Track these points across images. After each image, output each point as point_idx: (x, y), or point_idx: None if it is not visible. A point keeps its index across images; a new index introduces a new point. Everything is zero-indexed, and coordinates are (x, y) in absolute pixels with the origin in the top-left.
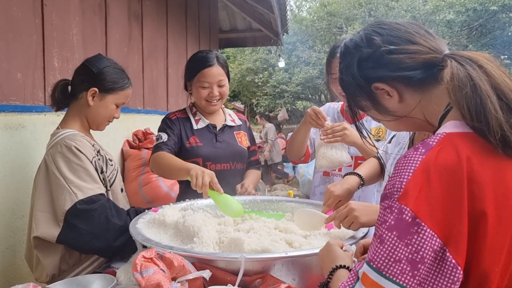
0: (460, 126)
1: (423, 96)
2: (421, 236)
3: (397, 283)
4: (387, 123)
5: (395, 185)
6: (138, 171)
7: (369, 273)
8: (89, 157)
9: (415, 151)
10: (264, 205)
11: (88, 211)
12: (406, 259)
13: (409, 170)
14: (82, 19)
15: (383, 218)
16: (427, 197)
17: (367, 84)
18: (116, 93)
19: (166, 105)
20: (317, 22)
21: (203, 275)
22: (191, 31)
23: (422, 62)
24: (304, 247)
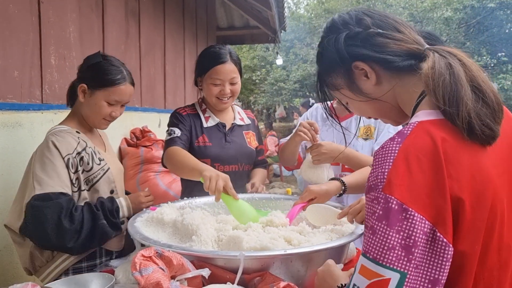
0: (431, 114)
1: (397, 83)
2: (410, 221)
3: (394, 270)
4: (355, 104)
5: (378, 177)
6: (136, 169)
7: (366, 264)
8: (63, 153)
9: (392, 141)
10: (263, 203)
11: (40, 208)
12: (400, 245)
13: (388, 160)
14: (79, 16)
15: (372, 209)
16: (410, 183)
17: (348, 61)
18: (105, 89)
19: (163, 103)
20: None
21: (202, 273)
22: (188, 29)
23: (406, 51)
24: (303, 244)
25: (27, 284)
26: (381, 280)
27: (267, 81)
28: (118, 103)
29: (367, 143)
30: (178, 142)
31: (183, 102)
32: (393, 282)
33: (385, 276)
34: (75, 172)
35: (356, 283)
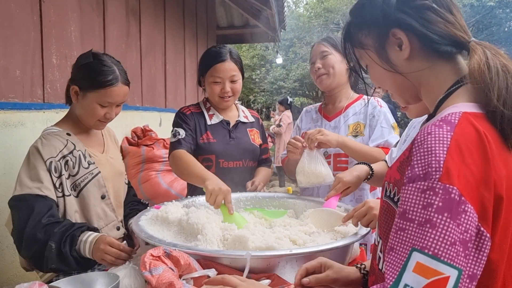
0: (473, 107)
1: (430, 66)
2: (468, 214)
3: (454, 266)
4: (376, 69)
5: (430, 165)
6: (137, 168)
7: (424, 261)
8: (45, 156)
9: (440, 129)
10: (266, 201)
11: (15, 209)
12: (459, 240)
13: (442, 148)
14: (80, 15)
15: (426, 201)
16: (465, 174)
17: (390, 25)
18: (97, 91)
19: (164, 102)
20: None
21: (209, 273)
22: (188, 28)
23: (452, 36)
24: (308, 244)
25: (34, 283)
26: (441, 279)
27: (266, 80)
28: (111, 105)
29: (357, 140)
30: (182, 144)
31: (183, 101)
32: (451, 280)
33: (445, 273)
34: (58, 176)
35: (409, 283)
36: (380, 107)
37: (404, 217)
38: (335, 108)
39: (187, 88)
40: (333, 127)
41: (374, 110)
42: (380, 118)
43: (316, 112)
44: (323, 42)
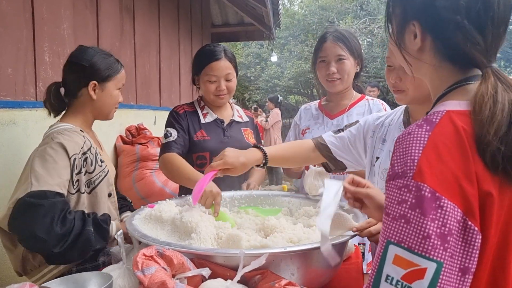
0: (461, 105)
1: (436, 64)
2: (444, 209)
3: (431, 259)
4: (392, 47)
5: (406, 164)
6: (131, 166)
7: (401, 253)
8: (70, 152)
9: (420, 128)
10: (260, 200)
11: (34, 206)
12: (435, 234)
13: (418, 147)
14: (73, 13)
15: (400, 197)
16: (441, 171)
17: (413, 14)
18: (114, 78)
19: (159, 100)
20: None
21: (202, 273)
22: (183, 26)
23: (469, 55)
24: (303, 242)
25: (25, 284)
26: (418, 270)
27: (261, 78)
28: (121, 88)
29: None
30: (172, 147)
31: (178, 99)
32: (429, 271)
33: (421, 265)
34: (78, 173)
35: (390, 273)
36: (384, 111)
37: (385, 212)
38: (338, 107)
39: (181, 86)
40: (336, 126)
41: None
42: None
43: (316, 109)
44: (339, 43)
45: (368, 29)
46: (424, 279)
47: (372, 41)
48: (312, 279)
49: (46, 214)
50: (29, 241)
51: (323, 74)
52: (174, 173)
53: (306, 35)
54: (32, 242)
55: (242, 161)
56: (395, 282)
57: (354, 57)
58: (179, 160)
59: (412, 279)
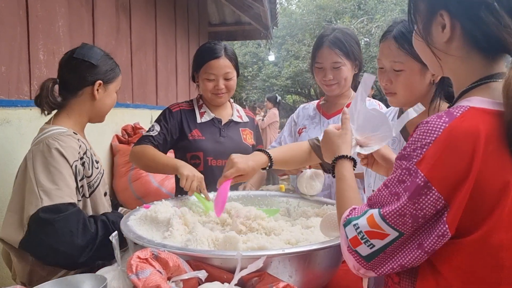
0: (485, 103)
1: (464, 56)
2: (428, 197)
3: (396, 229)
4: (418, 43)
5: (416, 150)
6: (127, 166)
7: (376, 217)
8: (70, 160)
9: (439, 119)
10: (257, 200)
11: (50, 222)
12: (410, 214)
13: (431, 137)
14: (68, 10)
15: (401, 177)
16: (444, 164)
17: (441, 4)
18: (116, 80)
19: (155, 99)
20: (307, 15)
21: (199, 275)
22: (180, 24)
23: (500, 39)
24: (301, 243)
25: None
26: (381, 233)
27: (259, 77)
28: None
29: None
30: (149, 141)
31: (175, 98)
32: (390, 237)
33: (386, 231)
34: (81, 179)
35: (358, 224)
36: (380, 110)
37: (385, 182)
38: (334, 106)
39: (178, 85)
40: None
41: None
42: None
43: (314, 109)
44: (335, 49)
45: (366, 28)
46: (383, 240)
47: (370, 41)
48: (311, 281)
49: (64, 228)
50: (52, 257)
51: (320, 80)
52: (150, 163)
53: (304, 35)
54: (55, 258)
55: (252, 165)
56: (359, 231)
57: (352, 61)
58: (153, 150)
59: (373, 237)
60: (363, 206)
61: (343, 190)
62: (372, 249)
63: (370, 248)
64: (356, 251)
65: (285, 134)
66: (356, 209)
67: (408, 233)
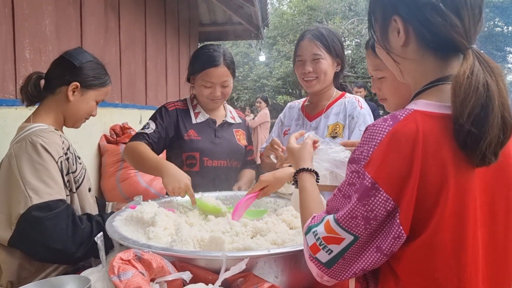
0: (429, 106)
1: (419, 59)
2: (377, 199)
3: (351, 233)
4: (379, 51)
5: (363, 153)
6: (116, 166)
7: (331, 222)
8: (55, 156)
9: (384, 122)
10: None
11: (41, 220)
12: (362, 216)
13: (376, 139)
14: (55, 8)
15: (351, 180)
16: (388, 164)
17: (393, 10)
18: (98, 89)
19: (144, 99)
20: (298, 16)
21: (183, 276)
22: (170, 24)
23: (450, 39)
24: (287, 244)
25: None
26: (337, 237)
27: (250, 77)
28: (100, 102)
29: (335, 142)
30: (144, 139)
31: (165, 98)
32: (346, 241)
33: (341, 235)
34: (66, 174)
35: (317, 230)
36: (360, 108)
37: (338, 187)
38: (317, 108)
39: (168, 85)
40: (314, 128)
41: (354, 111)
42: (359, 120)
43: (299, 110)
44: (316, 41)
45: (356, 29)
46: (340, 245)
47: (360, 42)
48: (297, 282)
49: (55, 225)
50: (44, 254)
51: (299, 73)
52: (137, 160)
53: (295, 35)
54: (47, 254)
55: (277, 176)
56: (317, 238)
57: (333, 57)
58: (144, 148)
59: (330, 242)
60: (321, 213)
61: (304, 201)
62: (330, 254)
63: (328, 254)
64: (316, 258)
65: (273, 135)
66: (315, 217)
67: (364, 237)
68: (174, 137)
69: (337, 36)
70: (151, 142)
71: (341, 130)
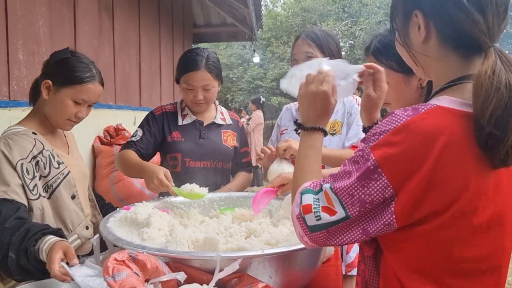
0: (454, 103)
1: (441, 57)
2: (378, 183)
3: (344, 208)
4: (400, 49)
5: (375, 135)
6: (110, 168)
7: (329, 192)
8: (15, 158)
9: (404, 112)
10: (240, 201)
11: None
12: (358, 197)
13: (391, 125)
14: (49, 10)
15: (357, 158)
16: (397, 153)
17: (415, 5)
18: (72, 87)
19: (139, 100)
20: (292, 17)
21: (177, 277)
22: (164, 25)
23: (472, 36)
24: (281, 244)
25: None
26: (332, 209)
27: (244, 79)
28: (85, 103)
29: (334, 139)
30: (132, 147)
31: (159, 99)
32: (338, 215)
33: (335, 208)
34: (32, 178)
35: (319, 198)
36: (357, 105)
37: (344, 161)
38: None
39: (162, 86)
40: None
41: (352, 108)
42: (357, 116)
43: (296, 111)
44: (309, 40)
45: (350, 31)
46: (332, 217)
47: (354, 43)
48: (291, 282)
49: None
50: None
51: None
52: (124, 166)
53: (289, 37)
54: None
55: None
56: (317, 205)
57: (326, 56)
58: (130, 155)
59: (325, 212)
60: (319, 181)
61: (309, 158)
62: (318, 221)
63: (316, 220)
64: (303, 218)
65: (273, 139)
66: (315, 182)
67: (355, 218)
68: (162, 140)
69: (332, 37)
70: (139, 148)
71: (340, 127)
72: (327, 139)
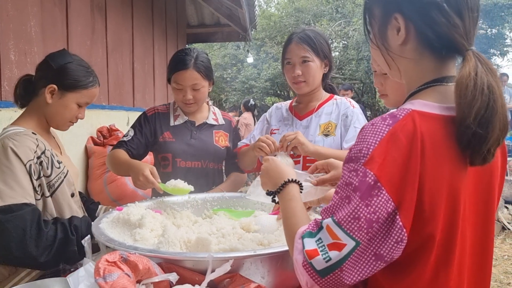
0: (427, 106)
1: (417, 59)
2: (379, 198)
3: (353, 238)
4: (374, 51)
5: (362, 151)
6: (103, 168)
7: (332, 226)
8: (24, 159)
9: (383, 121)
10: (233, 201)
11: (1, 222)
12: (365, 218)
13: (376, 138)
14: (40, 10)
15: (349, 180)
16: (390, 164)
17: (395, 7)
18: (78, 91)
19: (132, 101)
20: (285, 18)
21: (169, 278)
22: (157, 25)
23: (451, 39)
24: (273, 244)
25: None
26: (339, 243)
27: (238, 79)
28: (86, 105)
29: (327, 140)
30: (122, 146)
31: (152, 99)
32: (347, 247)
33: (342, 240)
34: (37, 178)
35: (322, 238)
36: (352, 108)
37: (335, 190)
38: (307, 108)
39: (156, 87)
40: (305, 126)
41: (347, 110)
42: (354, 118)
43: (286, 111)
44: (304, 44)
45: (344, 31)
46: (342, 251)
47: (348, 43)
48: (283, 282)
49: (16, 227)
50: (6, 257)
51: (289, 77)
52: (116, 166)
53: (283, 37)
54: (9, 257)
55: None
56: (322, 246)
57: (321, 58)
58: (120, 154)
59: (332, 248)
60: (316, 220)
61: (294, 209)
62: (328, 262)
63: (326, 262)
64: (311, 264)
65: (255, 132)
66: (311, 224)
67: (364, 243)
68: (154, 141)
69: (323, 37)
70: (129, 148)
71: (333, 129)
72: (320, 140)
